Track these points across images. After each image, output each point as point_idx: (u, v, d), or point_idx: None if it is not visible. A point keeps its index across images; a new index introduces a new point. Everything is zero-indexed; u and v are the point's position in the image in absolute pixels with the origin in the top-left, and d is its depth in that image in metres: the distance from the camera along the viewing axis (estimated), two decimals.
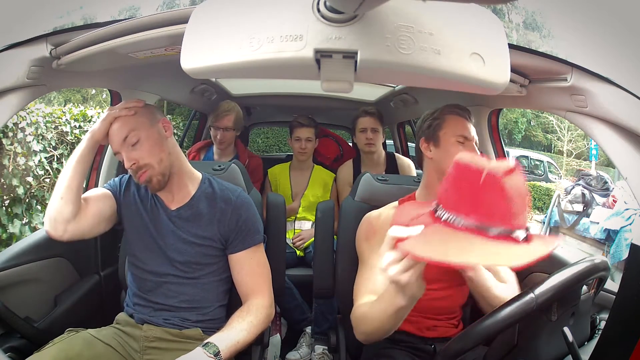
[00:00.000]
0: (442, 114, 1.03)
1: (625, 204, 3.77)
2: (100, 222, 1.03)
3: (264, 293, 1.04)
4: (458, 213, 0.62)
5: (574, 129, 12.47)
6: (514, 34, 19.57)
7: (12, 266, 1.06)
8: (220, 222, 1.04)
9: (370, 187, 1.26)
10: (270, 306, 1.05)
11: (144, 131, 0.98)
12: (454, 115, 1.02)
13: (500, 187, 0.59)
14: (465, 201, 0.62)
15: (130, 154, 0.97)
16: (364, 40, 0.56)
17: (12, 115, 0.93)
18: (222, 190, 1.08)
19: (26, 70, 0.88)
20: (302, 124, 2.00)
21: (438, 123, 1.02)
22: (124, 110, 0.99)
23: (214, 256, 1.05)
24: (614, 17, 19.35)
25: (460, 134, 1.00)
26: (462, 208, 0.62)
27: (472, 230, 0.60)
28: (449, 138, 1.00)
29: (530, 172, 9.20)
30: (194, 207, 1.05)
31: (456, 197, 0.63)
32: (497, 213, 0.59)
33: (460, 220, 0.61)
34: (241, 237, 1.04)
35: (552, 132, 14.26)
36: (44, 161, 2.78)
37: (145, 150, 0.97)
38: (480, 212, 0.60)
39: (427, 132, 1.04)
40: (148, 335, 0.99)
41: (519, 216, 0.60)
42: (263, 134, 8.85)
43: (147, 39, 0.82)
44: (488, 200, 0.60)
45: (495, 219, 0.59)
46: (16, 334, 1.01)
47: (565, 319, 0.74)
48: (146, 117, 1.01)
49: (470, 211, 0.61)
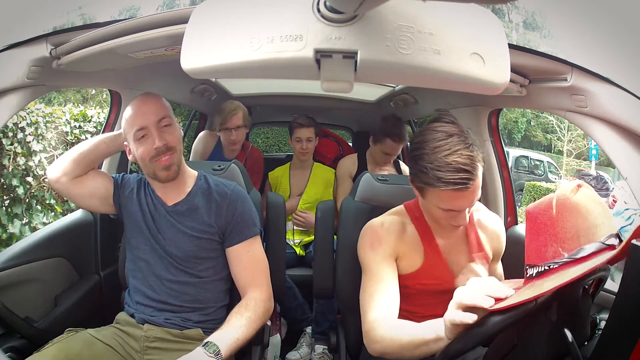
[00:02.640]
0: (432, 172, 0.82)
1: (625, 204, 3.76)
2: (92, 197, 1.08)
3: (261, 286, 1.05)
4: (548, 259, 0.59)
5: (574, 129, 12.48)
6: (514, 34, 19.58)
7: (12, 266, 1.06)
8: (217, 215, 1.06)
9: (370, 187, 1.26)
10: (269, 299, 1.06)
11: (173, 121, 1.04)
12: (444, 188, 0.82)
13: (574, 206, 0.56)
14: (550, 242, 0.59)
15: (162, 134, 1.00)
16: (364, 40, 0.56)
17: (12, 115, 0.93)
18: (217, 185, 1.10)
19: (26, 70, 0.88)
20: (302, 125, 1.99)
21: (424, 187, 0.87)
22: None
23: (213, 250, 1.06)
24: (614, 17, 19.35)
25: (447, 208, 0.86)
26: (550, 251, 0.59)
27: (568, 264, 0.57)
28: (432, 208, 0.90)
29: (530, 172, 9.20)
30: (191, 201, 1.07)
31: (540, 245, 0.60)
32: (582, 233, 0.56)
33: (552, 264, 0.58)
34: (238, 230, 1.06)
35: (552, 132, 14.28)
36: (44, 161, 2.77)
37: (175, 135, 1.03)
38: (567, 242, 0.57)
39: (413, 175, 0.90)
40: (149, 335, 0.99)
41: (604, 225, 0.57)
42: (263, 134, 8.85)
43: (147, 39, 0.82)
44: (569, 225, 0.57)
45: (583, 240, 0.56)
46: (16, 334, 1.02)
47: (565, 319, 0.74)
48: (169, 108, 1.06)
49: (558, 248, 0.58)
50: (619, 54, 16.28)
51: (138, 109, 1.02)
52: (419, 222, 1.00)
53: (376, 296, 0.91)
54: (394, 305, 0.91)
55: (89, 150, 1.07)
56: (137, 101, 1.04)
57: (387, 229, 0.98)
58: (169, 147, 1.01)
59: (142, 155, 1.01)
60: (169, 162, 1.01)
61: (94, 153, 1.08)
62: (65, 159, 1.06)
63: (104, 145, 1.09)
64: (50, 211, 2.85)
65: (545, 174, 9.34)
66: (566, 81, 0.89)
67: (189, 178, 1.11)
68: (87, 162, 1.07)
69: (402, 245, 0.98)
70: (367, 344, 0.88)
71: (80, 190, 1.07)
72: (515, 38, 19.96)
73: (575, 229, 0.57)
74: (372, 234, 0.99)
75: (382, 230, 0.98)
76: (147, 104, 1.02)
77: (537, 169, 9.46)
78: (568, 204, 0.57)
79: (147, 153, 1.00)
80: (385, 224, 0.99)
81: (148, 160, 1.01)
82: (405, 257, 0.98)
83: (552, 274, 0.59)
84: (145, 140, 1.00)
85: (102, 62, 0.97)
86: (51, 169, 1.07)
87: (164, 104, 1.05)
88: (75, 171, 1.05)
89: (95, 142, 1.09)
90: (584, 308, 0.77)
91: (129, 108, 1.03)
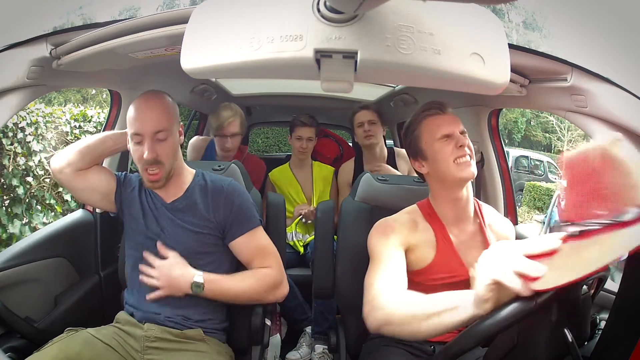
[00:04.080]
0: (416, 124, 0.99)
1: None
2: (94, 192, 1.08)
3: (272, 266, 1.08)
4: (588, 217, 0.55)
5: (574, 129, 12.47)
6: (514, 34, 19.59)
7: (12, 266, 1.06)
8: (215, 210, 1.07)
9: (370, 187, 1.26)
10: (280, 276, 1.09)
11: (171, 133, 1.03)
12: (427, 119, 0.98)
13: (614, 160, 0.52)
14: (589, 196, 0.55)
15: (155, 146, 1.00)
16: (364, 40, 0.56)
17: (12, 115, 0.93)
18: (213, 181, 1.12)
19: (26, 70, 0.88)
20: (304, 123, 1.99)
21: (416, 135, 0.99)
22: None
23: (213, 245, 1.07)
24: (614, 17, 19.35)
25: (440, 134, 0.95)
26: (590, 208, 0.55)
27: (608, 227, 0.53)
28: (431, 145, 0.97)
29: (530, 172, 9.19)
30: (189, 197, 1.08)
31: (579, 198, 0.57)
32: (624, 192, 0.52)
33: (595, 224, 0.54)
34: (238, 223, 1.07)
35: (552, 132, 14.27)
36: (44, 161, 2.77)
37: (166, 149, 1.02)
38: (608, 200, 0.53)
39: (410, 149, 1.02)
40: (149, 335, 0.99)
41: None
42: (263, 134, 8.85)
43: (147, 39, 0.83)
44: (609, 181, 0.53)
45: (625, 200, 0.52)
46: (16, 334, 1.02)
47: (565, 319, 0.74)
48: (175, 119, 1.05)
49: (598, 205, 0.54)
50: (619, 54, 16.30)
51: (140, 114, 1.00)
52: (431, 217, 1.02)
53: (382, 273, 0.88)
54: (401, 281, 0.87)
55: (95, 144, 1.08)
56: (141, 103, 1.01)
57: (400, 222, 0.99)
58: (158, 161, 1.00)
59: (136, 160, 1.03)
60: (156, 177, 1.02)
61: (101, 147, 1.09)
62: (71, 149, 1.06)
63: (110, 142, 1.10)
64: (50, 211, 2.86)
65: (545, 174, 9.34)
66: (566, 81, 0.90)
67: (187, 175, 1.12)
68: (92, 156, 1.07)
69: (414, 238, 0.98)
70: (368, 313, 0.81)
71: (82, 183, 1.07)
72: (515, 38, 19.96)
73: (616, 186, 0.53)
74: (384, 224, 1.00)
75: (395, 223, 0.99)
76: (150, 110, 1.00)
77: (537, 169, 9.45)
78: (608, 157, 0.54)
79: (138, 159, 1.02)
80: (398, 219, 1.01)
81: (140, 166, 1.03)
82: (416, 250, 0.98)
83: (593, 235, 0.54)
84: (139, 146, 1.00)
85: (102, 62, 0.97)
86: (56, 158, 1.06)
87: (167, 112, 1.02)
88: (79, 163, 1.05)
89: (102, 137, 1.10)
90: (584, 308, 0.77)
91: (133, 107, 1.02)
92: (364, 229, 1.21)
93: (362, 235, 1.20)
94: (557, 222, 1.44)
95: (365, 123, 1.90)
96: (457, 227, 1.01)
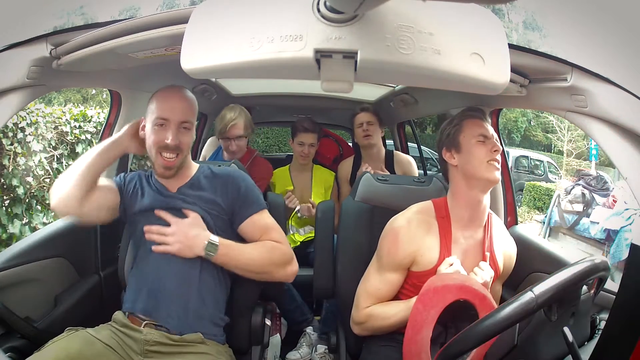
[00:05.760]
0: (459, 120, 1.06)
1: (625, 204, 3.77)
2: (101, 210, 1.08)
3: (282, 242, 1.11)
4: None
5: (574, 129, 12.46)
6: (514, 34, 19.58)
7: (12, 266, 1.06)
8: (223, 194, 1.10)
9: (370, 187, 1.26)
10: (289, 252, 1.11)
11: (192, 125, 1.10)
12: (470, 119, 1.05)
13: None
14: None
15: (179, 134, 1.05)
16: (364, 40, 0.56)
17: (12, 115, 0.93)
18: (218, 170, 1.17)
19: (26, 70, 0.88)
20: (308, 130, 1.96)
21: (457, 129, 1.05)
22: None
23: (221, 230, 1.08)
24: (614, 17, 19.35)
25: (479, 133, 1.02)
26: None
27: None
28: (469, 140, 1.02)
29: (530, 172, 9.19)
30: (195, 184, 1.12)
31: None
32: None
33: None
34: (246, 205, 1.11)
35: (552, 132, 14.26)
36: (44, 161, 2.77)
37: (188, 139, 1.08)
38: None
39: (447, 141, 1.06)
40: (148, 339, 0.98)
41: None
42: (263, 134, 8.85)
43: (147, 39, 0.83)
44: None
45: None
46: (16, 334, 1.01)
47: (565, 319, 0.74)
48: (196, 115, 1.11)
49: None
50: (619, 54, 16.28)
51: (170, 100, 1.05)
52: (443, 221, 1.04)
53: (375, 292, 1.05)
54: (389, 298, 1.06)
55: (87, 169, 1.03)
56: (171, 92, 1.06)
57: (415, 225, 1.03)
58: (179, 148, 1.05)
59: (153, 143, 1.04)
60: (171, 164, 1.05)
61: (92, 169, 1.04)
62: (65, 185, 1.01)
63: (98, 159, 1.05)
64: (50, 211, 2.85)
65: (545, 174, 9.33)
66: (566, 81, 0.89)
67: (192, 169, 1.15)
68: (88, 181, 1.03)
69: (424, 243, 1.02)
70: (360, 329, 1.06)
71: (88, 206, 1.03)
72: (516, 38, 19.96)
73: None
74: (397, 229, 1.04)
75: (409, 226, 1.03)
76: (180, 101, 1.06)
77: (537, 169, 9.44)
78: None
79: (157, 142, 1.03)
80: (412, 220, 1.04)
81: (155, 150, 1.04)
82: (425, 254, 1.02)
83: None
84: (162, 130, 1.03)
85: (102, 62, 0.97)
86: (56, 199, 1.02)
87: (193, 106, 1.09)
88: (79, 193, 1.01)
89: (89, 160, 1.04)
90: (584, 308, 0.77)
91: (161, 94, 1.06)
92: (364, 229, 1.21)
93: (362, 235, 1.21)
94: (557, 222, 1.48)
95: (364, 123, 1.91)
96: (465, 231, 1.04)
